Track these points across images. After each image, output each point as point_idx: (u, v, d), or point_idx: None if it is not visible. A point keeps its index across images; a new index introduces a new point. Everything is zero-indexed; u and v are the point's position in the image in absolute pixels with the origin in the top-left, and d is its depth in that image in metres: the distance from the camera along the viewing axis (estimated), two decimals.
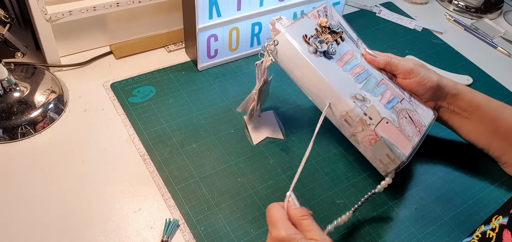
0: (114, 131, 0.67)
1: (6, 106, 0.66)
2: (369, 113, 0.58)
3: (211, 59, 0.80)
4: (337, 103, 0.58)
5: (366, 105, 0.58)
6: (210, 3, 0.72)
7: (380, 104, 0.60)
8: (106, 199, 0.58)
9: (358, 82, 0.60)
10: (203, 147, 0.66)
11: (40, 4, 0.68)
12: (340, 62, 0.61)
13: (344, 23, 0.66)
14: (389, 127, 0.58)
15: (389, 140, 0.57)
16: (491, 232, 0.50)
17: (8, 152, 0.63)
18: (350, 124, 0.59)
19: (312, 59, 0.59)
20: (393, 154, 0.58)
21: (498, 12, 1.10)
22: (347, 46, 0.64)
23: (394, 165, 0.58)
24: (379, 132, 0.57)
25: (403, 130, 0.59)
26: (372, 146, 0.58)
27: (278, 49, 0.59)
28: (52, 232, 0.54)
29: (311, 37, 0.60)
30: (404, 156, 0.58)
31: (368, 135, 0.58)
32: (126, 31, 0.83)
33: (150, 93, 0.74)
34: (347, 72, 0.60)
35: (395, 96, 0.62)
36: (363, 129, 0.58)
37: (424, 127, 0.62)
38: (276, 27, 0.60)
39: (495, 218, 0.52)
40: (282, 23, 0.61)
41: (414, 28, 1.00)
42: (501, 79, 0.88)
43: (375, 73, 0.63)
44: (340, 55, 0.62)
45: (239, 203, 0.60)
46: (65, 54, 0.79)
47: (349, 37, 0.65)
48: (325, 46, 0.60)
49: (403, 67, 0.63)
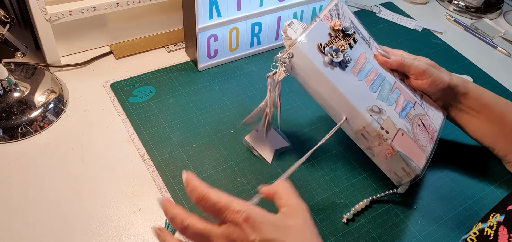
0: (114, 131, 0.67)
1: (6, 106, 0.66)
2: (385, 127, 0.57)
3: (211, 59, 0.80)
4: (354, 118, 0.57)
5: (383, 118, 0.57)
6: (210, 3, 0.72)
7: (395, 114, 0.59)
8: (106, 199, 0.58)
9: (373, 91, 0.59)
10: (203, 147, 0.66)
11: (40, 4, 0.68)
12: (354, 70, 0.59)
13: (355, 21, 0.64)
14: (405, 138, 0.58)
15: (405, 154, 0.57)
16: (489, 229, 0.51)
17: (8, 152, 0.63)
18: (366, 138, 0.58)
19: (328, 72, 0.56)
20: (408, 167, 0.58)
21: (498, 12, 1.10)
22: (360, 48, 0.61)
23: (409, 178, 0.59)
24: (396, 146, 0.57)
25: (417, 140, 0.59)
26: (388, 159, 0.58)
27: (292, 62, 0.56)
28: (52, 232, 0.54)
29: (326, 46, 0.57)
30: (419, 169, 0.58)
31: (384, 149, 0.57)
32: (126, 31, 0.83)
33: (150, 93, 0.74)
34: (362, 81, 0.59)
35: (408, 101, 0.61)
36: (379, 143, 0.57)
37: (436, 132, 0.62)
38: (289, 34, 0.57)
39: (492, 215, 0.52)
40: (294, 28, 0.58)
41: (414, 28, 1.00)
42: (501, 79, 0.88)
43: (388, 76, 0.62)
44: (354, 62, 0.59)
45: None
46: (65, 54, 0.79)
47: (361, 37, 0.63)
48: (341, 56, 0.57)
49: (416, 68, 0.63)
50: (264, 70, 0.82)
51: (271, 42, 0.86)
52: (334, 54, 0.56)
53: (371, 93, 0.58)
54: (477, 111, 0.65)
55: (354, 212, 0.60)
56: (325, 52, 0.56)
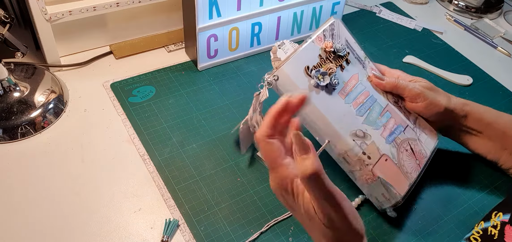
0: (114, 131, 0.67)
1: (6, 106, 0.66)
2: (368, 152, 0.57)
3: (211, 59, 0.80)
4: (336, 141, 0.56)
5: (366, 142, 0.57)
6: (210, 3, 0.72)
7: (381, 139, 0.58)
8: (106, 199, 0.58)
9: (360, 115, 0.58)
10: (203, 147, 0.66)
11: (40, 4, 0.68)
12: (342, 94, 0.58)
13: (352, 40, 0.62)
14: (388, 164, 0.58)
15: (386, 180, 0.57)
16: (492, 229, 0.51)
17: (8, 152, 0.63)
18: (348, 162, 0.57)
19: (313, 96, 0.55)
20: (389, 193, 0.57)
21: (498, 12, 1.10)
22: (353, 69, 0.60)
23: (389, 204, 0.58)
24: (377, 171, 0.57)
25: (402, 166, 0.58)
26: (369, 184, 0.58)
27: (277, 84, 0.55)
28: (52, 232, 0.54)
29: (313, 69, 0.56)
30: (399, 196, 0.57)
31: (365, 174, 0.57)
32: (126, 31, 0.83)
33: (150, 93, 0.74)
34: (350, 105, 0.58)
35: (398, 125, 0.60)
36: (360, 168, 0.57)
37: (425, 158, 0.61)
38: (278, 55, 0.57)
39: (494, 214, 0.52)
40: (284, 49, 0.58)
41: (414, 28, 1.00)
42: (501, 79, 0.88)
43: (379, 99, 0.61)
44: (343, 84, 0.58)
45: (239, 203, 0.60)
46: (65, 54, 0.79)
47: (356, 58, 0.61)
48: (328, 79, 0.56)
49: (411, 91, 0.60)
50: (264, 70, 0.81)
51: (271, 42, 0.86)
52: (321, 77, 0.56)
53: (356, 117, 0.58)
54: (478, 131, 0.64)
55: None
56: (312, 75, 0.56)
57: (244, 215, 0.58)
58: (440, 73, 0.87)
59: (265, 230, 0.57)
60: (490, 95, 0.66)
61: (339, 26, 0.61)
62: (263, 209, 0.59)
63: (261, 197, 0.61)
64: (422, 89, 0.61)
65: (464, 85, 0.85)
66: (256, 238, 0.56)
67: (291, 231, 0.57)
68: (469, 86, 0.85)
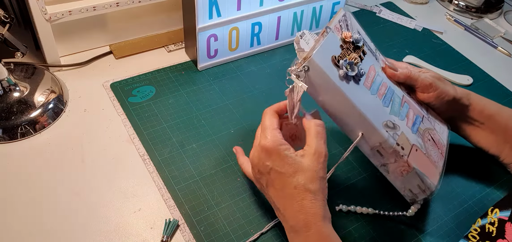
0: (114, 131, 0.67)
1: (5, 106, 0.66)
2: (401, 143, 0.55)
3: (211, 59, 0.80)
4: (370, 134, 0.54)
5: (397, 133, 0.56)
6: (210, 3, 0.72)
7: (408, 129, 0.58)
8: (106, 199, 0.58)
9: (386, 106, 0.57)
10: (203, 147, 0.66)
11: (40, 4, 0.68)
12: (367, 84, 0.56)
13: (362, 32, 0.61)
14: (419, 154, 0.57)
15: (420, 170, 0.56)
16: (490, 226, 0.51)
17: (8, 152, 0.62)
18: (382, 155, 0.56)
19: (344, 86, 0.53)
20: (424, 184, 0.57)
21: (498, 12, 1.10)
22: (369, 60, 0.59)
23: (424, 195, 0.57)
24: (412, 162, 0.56)
25: (430, 155, 0.58)
26: (403, 176, 0.57)
27: (308, 75, 0.52)
28: (52, 232, 0.54)
29: (340, 58, 0.54)
30: (433, 185, 0.57)
31: (400, 166, 0.56)
32: (126, 31, 0.83)
33: (150, 93, 0.74)
34: (375, 96, 0.56)
35: (417, 115, 0.60)
36: (396, 160, 0.56)
37: (444, 147, 0.61)
38: (301, 45, 0.54)
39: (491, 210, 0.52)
40: (306, 40, 0.54)
41: (414, 28, 1.00)
42: (501, 79, 0.88)
43: (396, 90, 0.61)
44: (365, 75, 0.56)
45: (239, 203, 0.59)
46: (65, 54, 0.79)
47: (369, 50, 0.60)
48: (356, 69, 0.54)
49: (423, 81, 0.61)
50: (264, 70, 0.82)
51: (271, 42, 0.86)
52: (349, 67, 0.54)
53: (384, 108, 0.56)
54: (481, 123, 0.65)
55: (352, 210, 0.60)
56: (340, 65, 0.53)
57: (244, 215, 0.58)
58: (440, 73, 0.87)
59: (266, 231, 0.57)
60: (490, 95, 0.66)
61: (351, 18, 0.60)
62: (263, 209, 0.59)
63: (261, 197, 0.60)
64: (433, 79, 0.62)
65: (464, 85, 0.85)
66: (256, 239, 0.56)
67: None
68: (469, 86, 0.85)
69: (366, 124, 0.54)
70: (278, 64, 0.84)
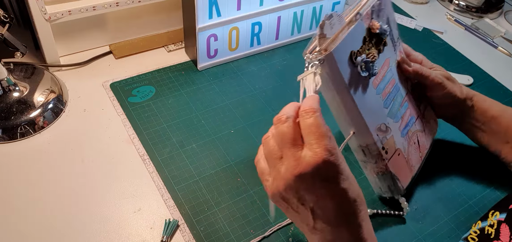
0: (113, 131, 0.67)
1: (5, 106, 0.66)
2: (386, 147, 0.56)
3: (211, 59, 0.80)
4: (362, 135, 0.54)
5: (386, 137, 0.56)
6: (210, 3, 0.72)
7: (398, 132, 0.58)
8: (106, 199, 0.58)
9: (386, 107, 0.56)
10: (203, 147, 0.66)
11: (39, 4, 0.68)
12: (376, 81, 0.54)
13: (392, 18, 0.57)
14: (399, 159, 0.57)
15: (396, 174, 0.57)
16: (489, 228, 0.51)
17: (8, 152, 0.62)
18: (365, 155, 0.57)
19: (352, 88, 0.50)
20: (395, 186, 0.58)
21: (498, 12, 1.10)
22: (387, 53, 0.56)
23: (391, 195, 0.59)
24: (390, 167, 0.56)
25: (409, 159, 0.59)
26: (378, 176, 0.58)
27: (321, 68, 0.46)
28: (52, 232, 0.54)
29: (358, 55, 0.50)
30: (402, 189, 0.59)
31: (378, 168, 0.57)
32: (125, 31, 0.83)
33: (150, 93, 0.74)
34: (379, 96, 0.55)
35: (412, 116, 0.60)
36: (376, 161, 0.56)
37: (426, 150, 0.62)
38: (324, 31, 0.46)
39: (491, 213, 0.52)
40: (332, 23, 0.47)
41: (415, 28, 1.00)
42: (502, 79, 0.88)
43: (401, 88, 0.60)
44: (377, 71, 0.54)
45: (239, 203, 0.59)
46: (64, 54, 0.79)
47: (390, 39, 0.57)
48: (369, 69, 0.52)
49: (433, 80, 0.61)
50: (264, 70, 0.82)
51: (271, 42, 0.86)
52: (364, 67, 0.51)
53: (383, 109, 0.56)
54: (483, 123, 0.65)
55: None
56: (356, 63, 0.50)
57: (244, 215, 0.58)
58: None
59: (268, 234, 0.57)
60: (490, 95, 0.66)
61: (386, 3, 0.55)
62: (263, 209, 0.59)
63: (261, 197, 0.60)
64: (443, 78, 0.62)
65: (465, 85, 0.85)
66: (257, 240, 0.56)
67: (291, 232, 0.57)
68: (469, 86, 0.85)
69: (361, 125, 0.54)
70: (278, 64, 0.84)
